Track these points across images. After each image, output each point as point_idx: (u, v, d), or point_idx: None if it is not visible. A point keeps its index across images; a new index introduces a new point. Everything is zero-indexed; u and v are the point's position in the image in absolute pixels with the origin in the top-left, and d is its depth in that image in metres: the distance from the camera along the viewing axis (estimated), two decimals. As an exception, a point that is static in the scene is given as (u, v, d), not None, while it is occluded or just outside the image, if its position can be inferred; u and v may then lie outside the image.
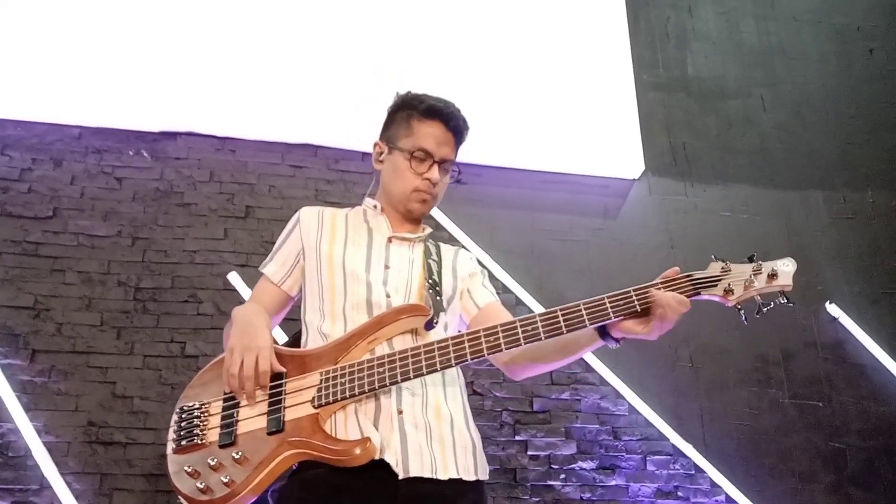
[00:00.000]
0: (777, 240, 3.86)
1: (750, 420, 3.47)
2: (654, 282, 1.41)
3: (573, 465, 3.24)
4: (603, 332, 1.44)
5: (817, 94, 4.33)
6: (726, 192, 3.97)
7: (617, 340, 1.44)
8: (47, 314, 3.03)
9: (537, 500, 3.15)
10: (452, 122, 1.64)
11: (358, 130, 3.43)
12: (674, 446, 3.34)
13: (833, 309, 3.75)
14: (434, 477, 1.37)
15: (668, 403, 3.42)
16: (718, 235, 3.83)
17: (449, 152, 1.64)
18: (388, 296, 1.52)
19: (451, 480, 1.39)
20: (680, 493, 3.28)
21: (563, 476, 3.22)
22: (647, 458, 3.31)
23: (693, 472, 3.32)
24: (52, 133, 3.34)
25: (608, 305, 1.38)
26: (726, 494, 3.29)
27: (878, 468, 3.50)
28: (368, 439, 1.34)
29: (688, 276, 1.40)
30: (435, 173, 1.61)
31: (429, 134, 1.62)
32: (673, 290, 1.38)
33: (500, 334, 1.40)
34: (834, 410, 3.57)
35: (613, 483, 3.25)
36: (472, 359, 1.40)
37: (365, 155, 3.50)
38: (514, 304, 3.40)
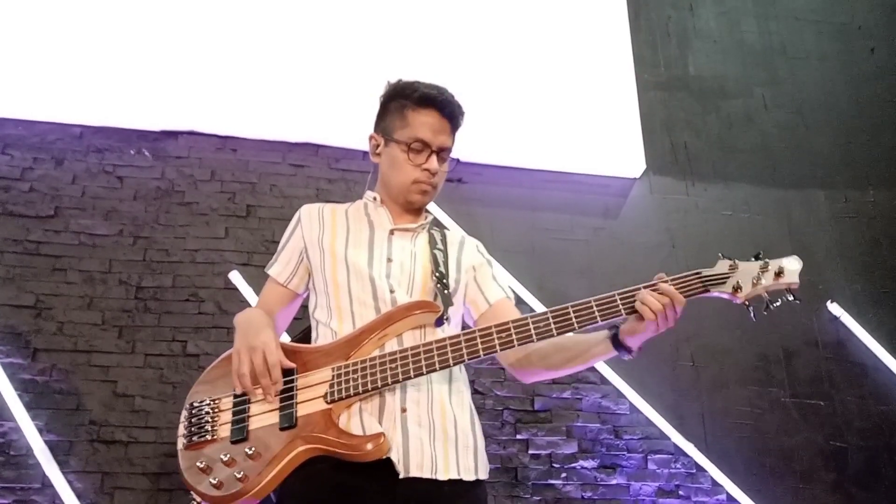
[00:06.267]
0: (778, 239, 3.86)
1: (751, 419, 3.47)
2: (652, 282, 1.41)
3: (574, 464, 3.24)
4: (616, 342, 1.44)
5: (818, 93, 4.33)
6: (727, 191, 3.97)
7: (629, 350, 1.43)
8: (49, 313, 3.03)
9: (538, 499, 3.15)
10: (447, 109, 1.61)
11: (359, 129, 3.42)
12: (675, 445, 3.34)
13: (834, 308, 3.74)
14: (433, 477, 1.37)
15: (669, 402, 3.42)
16: (719, 235, 3.83)
17: (446, 140, 1.62)
18: (391, 290, 1.52)
19: (450, 481, 1.39)
20: (681, 492, 3.27)
21: (564, 475, 3.22)
22: (649, 457, 3.31)
23: (694, 470, 3.32)
24: (53, 132, 3.34)
25: (619, 301, 1.39)
26: (727, 493, 3.29)
27: (879, 467, 3.50)
28: (382, 435, 1.34)
29: (697, 273, 1.41)
30: (434, 163, 1.60)
31: (424, 123, 1.59)
32: (683, 288, 1.39)
33: (513, 331, 1.39)
34: (835, 409, 3.57)
35: (614, 482, 3.25)
36: (484, 355, 1.40)
37: (366, 154, 3.49)
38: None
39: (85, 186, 3.28)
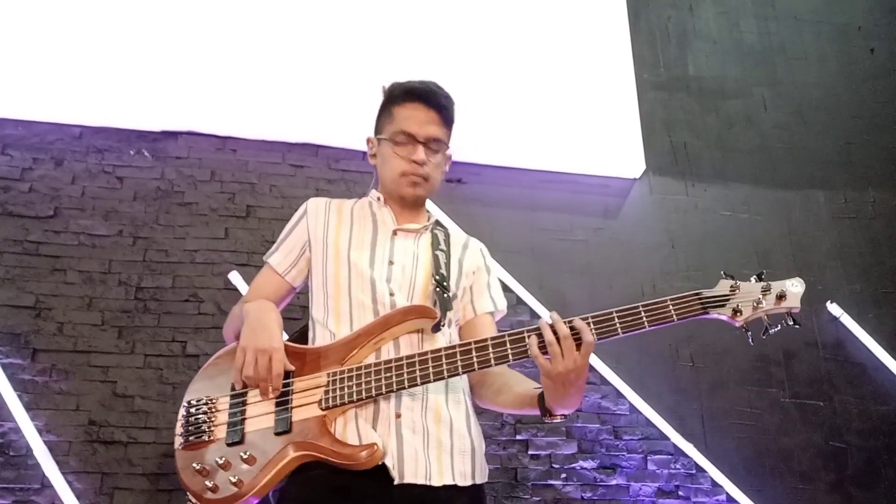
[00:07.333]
0: (778, 239, 3.86)
1: (751, 419, 3.47)
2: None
3: (574, 465, 3.24)
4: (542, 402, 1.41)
5: (818, 93, 4.33)
6: (727, 191, 3.97)
7: (550, 413, 1.40)
8: (48, 313, 3.03)
9: (538, 499, 3.15)
10: (433, 100, 1.61)
11: (359, 130, 3.42)
12: (675, 446, 3.34)
13: (834, 308, 3.74)
14: (428, 483, 1.38)
15: (668, 403, 3.42)
16: (719, 235, 3.83)
17: (435, 130, 1.61)
18: (391, 294, 1.51)
19: (445, 486, 1.39)
20: (681, 493, 3.27)
21: (563, 475, 3.22)
22: (648, 458, 3.31)
23: (694, 471, 3.32)
24: (52, 132, 3.34)
25: (616, 318, 1.36)
26: (727, 494, 3.29)
27: (878, 468, 3.50)
28: (375, 444, 1.34)
29: (696, 294, 1.38)
30: (420, 154, 1.58)
31: (408, 116, 1.60)
32: (681, 309, 1.36)
33: (508, 344, 1.38)
34: (835, 410, 3.57)
35: (614, 482, 3.25)
36: (479, 368, 1.39)
37: (366, 154, 3.50)
38: (514, 304, 3.40)
39: (85, 187, 3.28)
